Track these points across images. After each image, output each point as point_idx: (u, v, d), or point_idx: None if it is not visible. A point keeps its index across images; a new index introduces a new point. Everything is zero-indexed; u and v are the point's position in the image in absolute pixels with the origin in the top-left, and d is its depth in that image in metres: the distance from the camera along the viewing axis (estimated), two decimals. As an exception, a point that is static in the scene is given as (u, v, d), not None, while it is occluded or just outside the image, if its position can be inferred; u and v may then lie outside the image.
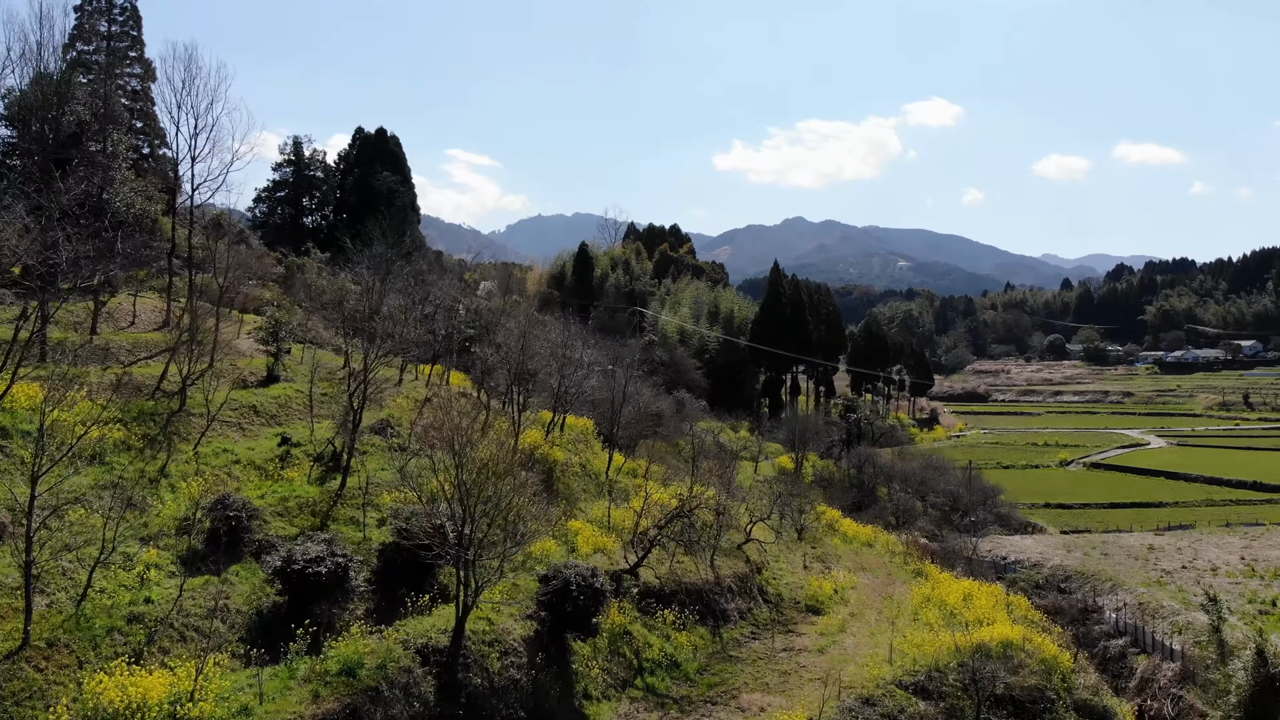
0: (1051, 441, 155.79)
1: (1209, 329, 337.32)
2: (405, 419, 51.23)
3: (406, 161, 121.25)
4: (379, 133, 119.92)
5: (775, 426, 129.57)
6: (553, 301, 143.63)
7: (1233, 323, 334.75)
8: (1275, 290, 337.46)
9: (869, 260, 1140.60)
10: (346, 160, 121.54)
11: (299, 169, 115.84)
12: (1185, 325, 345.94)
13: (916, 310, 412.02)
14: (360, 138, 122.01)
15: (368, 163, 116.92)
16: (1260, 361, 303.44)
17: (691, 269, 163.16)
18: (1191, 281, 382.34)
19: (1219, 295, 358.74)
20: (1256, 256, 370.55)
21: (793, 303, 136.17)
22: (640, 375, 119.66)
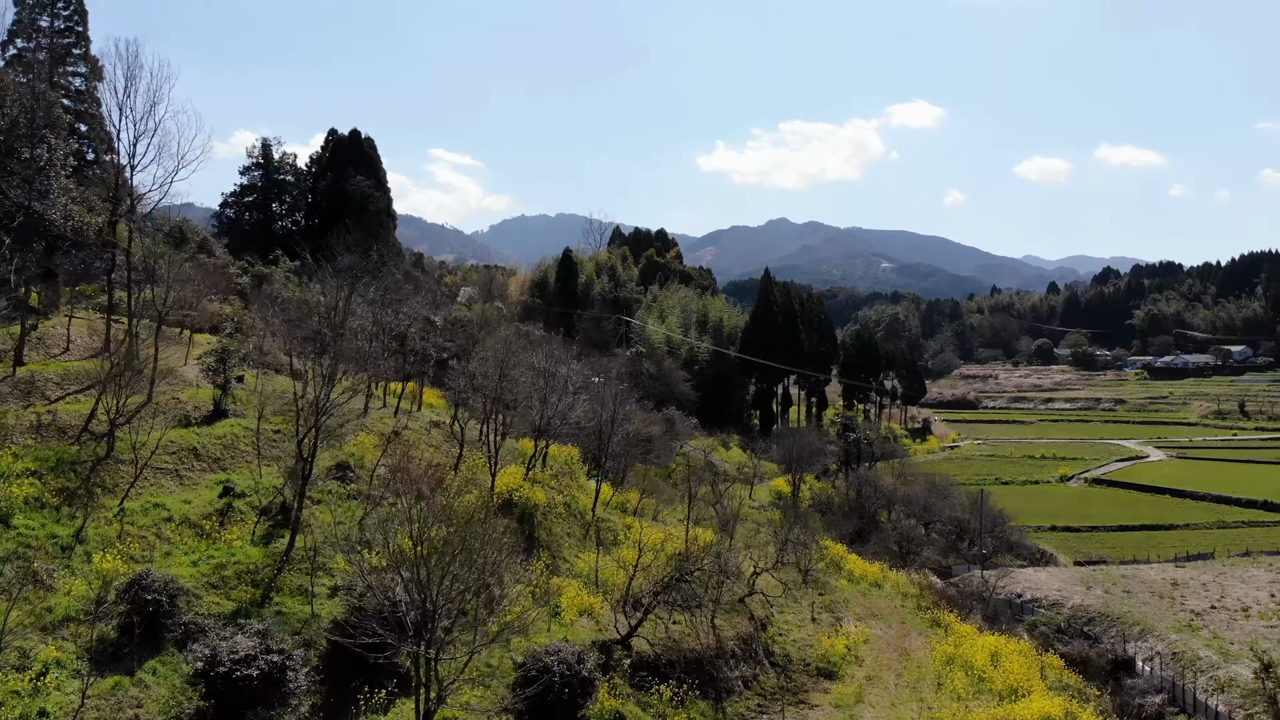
0: (1049, 454, 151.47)
1: (1198, 334, 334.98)
2: (370, 457, 45.82)
3: (382, 164, 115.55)
4: (353, 135, 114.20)
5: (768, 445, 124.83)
6: (535, 310, 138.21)
7: (1222, 327, 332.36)
8: (1265, 295, 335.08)
9: (852, 261, 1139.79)
10: (319, 163, 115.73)
11: (268, 172, 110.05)
12: (1174, 330, 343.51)
13: (902, 314, 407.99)
14: (333, 140, 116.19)
15: (341, 166, 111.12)
16: (1250, 367, 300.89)
17: (679, 275, 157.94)
18: (1180, 285, 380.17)
19: (1208, 300, 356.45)
20: (1245, 260, 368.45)
21: (784, 311, 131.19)
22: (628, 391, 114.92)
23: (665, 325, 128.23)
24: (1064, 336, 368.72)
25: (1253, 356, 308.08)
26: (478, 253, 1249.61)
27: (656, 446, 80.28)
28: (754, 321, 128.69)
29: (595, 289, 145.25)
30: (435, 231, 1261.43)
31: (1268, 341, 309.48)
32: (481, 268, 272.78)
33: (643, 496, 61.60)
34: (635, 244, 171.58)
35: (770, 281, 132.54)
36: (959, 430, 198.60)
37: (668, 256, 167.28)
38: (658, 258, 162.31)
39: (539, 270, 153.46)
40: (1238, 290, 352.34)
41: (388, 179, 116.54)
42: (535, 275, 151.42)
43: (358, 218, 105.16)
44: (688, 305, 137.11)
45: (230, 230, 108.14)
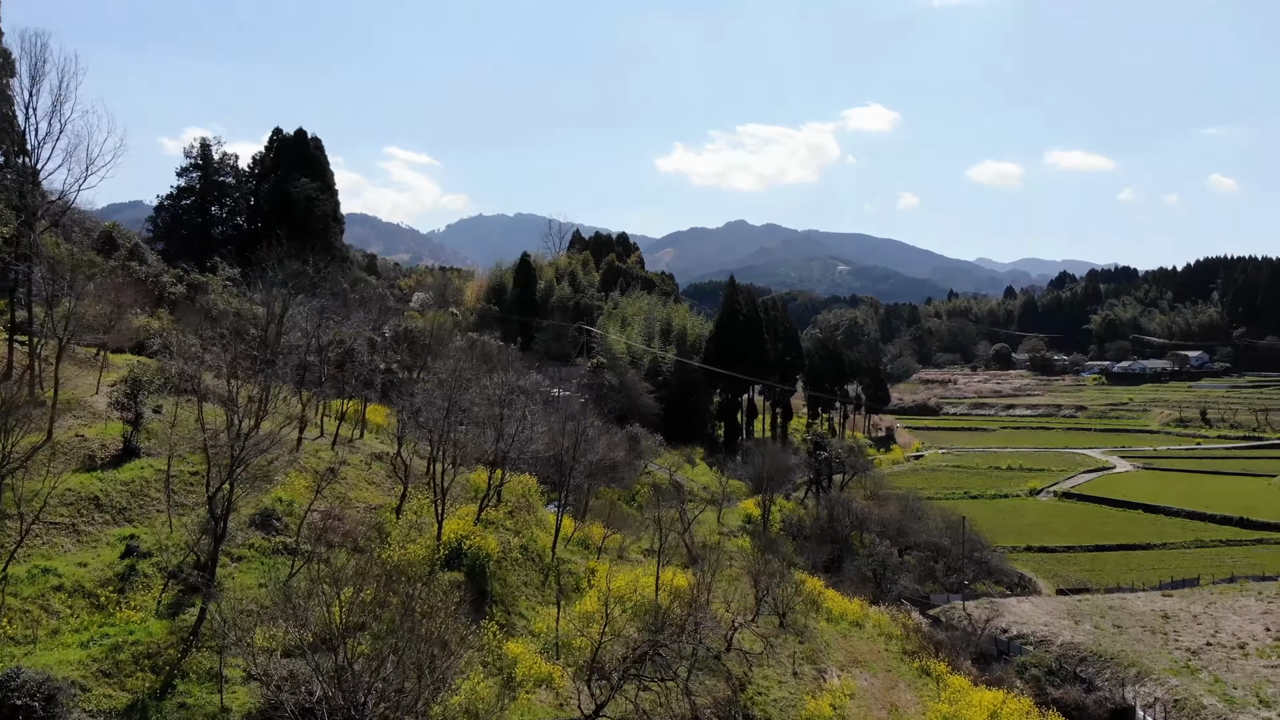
0: (1015, 465, 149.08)
1: (1155, 339, 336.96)
2: (301, 501, 40.68)
3: (329, 166, 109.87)
4: (298, 135, 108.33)
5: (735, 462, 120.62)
6: (491, 318, 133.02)
7: (1178, 333, 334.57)
8: (1220, 300, 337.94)
9: (809, 264, 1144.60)
10: (262, 164, 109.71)
11: (207, 173, 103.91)
12: (1130, 335, 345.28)
13: (861, 318, 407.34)
14: (278, 140, 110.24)
15: (285, 167, 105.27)
16: (1207, 372, 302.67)
17: (641, 281, 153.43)
18: (1136, 291, 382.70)
19: (1164, 305, 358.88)
20: (1201, 266, 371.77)
21: (749, 320, 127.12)
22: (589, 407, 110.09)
23: (628, 334, 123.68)
24: (1022, 341, 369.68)
25: (1209, 362, 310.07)
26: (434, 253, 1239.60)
27: (620, 468, 75.68)
28: (719, 330, 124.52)
29: (555, 295, 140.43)
30: (390, 231, 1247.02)
31: (1224, 347, 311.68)
32: (437, 270, 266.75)
33: (607, 531, 56.90)
34: (596, 248, 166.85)
35: (735, 289, 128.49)
36: (922, 438, 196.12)
37: (629, 261, 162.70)
38: (619, 263, 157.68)
39: (496, 275, 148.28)
40: (1194, 296, 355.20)
41: (336, 180, 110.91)
42: (492, 280, 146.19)
43: (302, 222, 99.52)
44: (651, 313, 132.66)
45: (166, 235, 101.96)
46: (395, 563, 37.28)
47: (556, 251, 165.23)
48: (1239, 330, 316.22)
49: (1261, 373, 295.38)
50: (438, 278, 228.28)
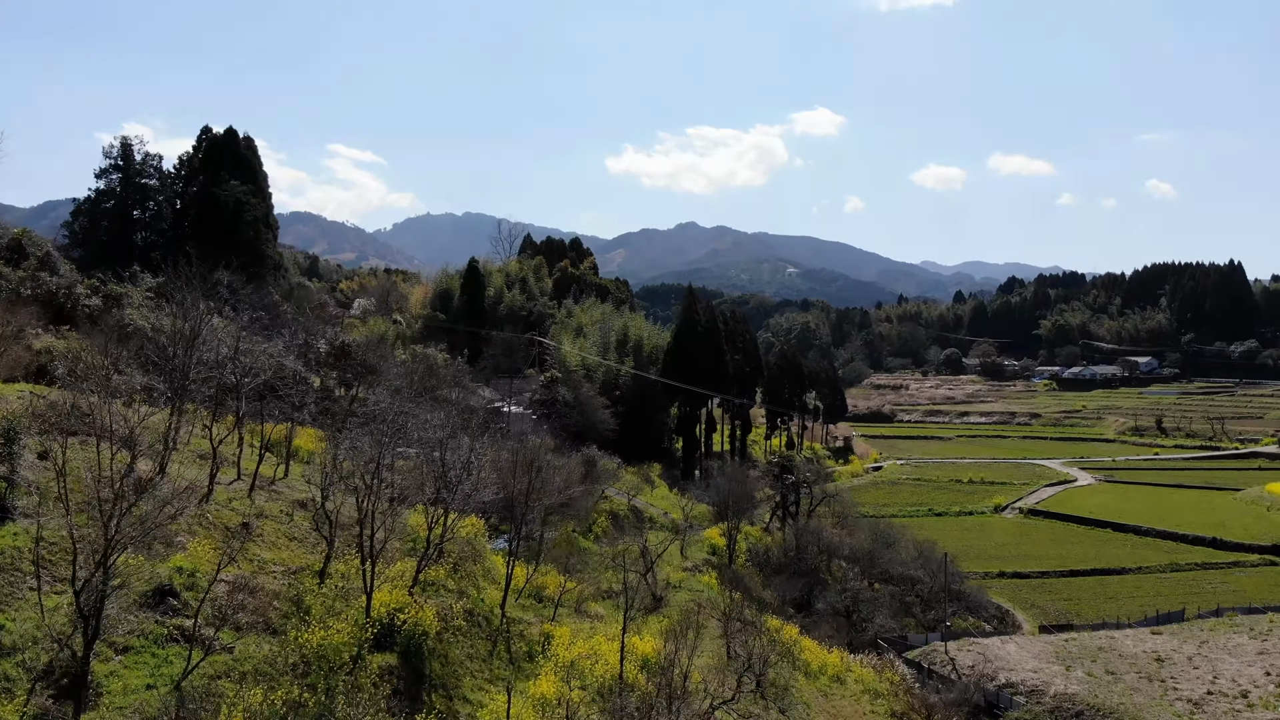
0: (977, 478, 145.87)
1: (1104, 344, 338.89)
2: (206, 568, 34.45)
3: (262, 167, 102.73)
4: (228, 134, 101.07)
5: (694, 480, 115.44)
6: (438, 326, 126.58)
7: (1127, 339, 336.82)
8: (1168, 307, 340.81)
9: (759, 266, 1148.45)
10: (189, 165, 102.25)
11: (128, 175, 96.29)
12: (1080, 341, 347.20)
13: (813, 322, 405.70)
14: (206, 139, 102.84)
15: (214, 169, 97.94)
16: (1157, 378, 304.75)
17: (595, 288, 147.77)
18: (1085, 296, 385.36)
19: (1113, 311, 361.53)
20: (1149, 272, 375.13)
21: (708, 330, 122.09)
22: (542, 422, 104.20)
23: (582, 345, 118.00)
24: (972, 346, 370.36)
25: (1158, 368, 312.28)
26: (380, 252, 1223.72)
27: (576, 499, 70.07)
28: (677, 341, 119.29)
29: (504, 303, 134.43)
30: (335, 229, 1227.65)
31: (1173, 353, 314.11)
32: (382, 272, 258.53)
33: (564, 578, 51.23)
34: (548, 253, 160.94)
35: (694, 299, 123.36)
36: (878, 447, 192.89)
37: (583, 267, 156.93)
38: (572, 269, 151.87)
39: (442, 280, 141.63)
40: (1142, 302, 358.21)
41: (270, 182, 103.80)
42: (438, 286, 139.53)
43: (230, 228, 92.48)
44: (606, 322, 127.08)
45: (84, 242, 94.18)
46: (315, 647, 31.37)
47: (506, 256, 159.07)
48: (1187, 336, 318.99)
49: (1210, 378, 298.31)
50: (382, 281, 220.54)
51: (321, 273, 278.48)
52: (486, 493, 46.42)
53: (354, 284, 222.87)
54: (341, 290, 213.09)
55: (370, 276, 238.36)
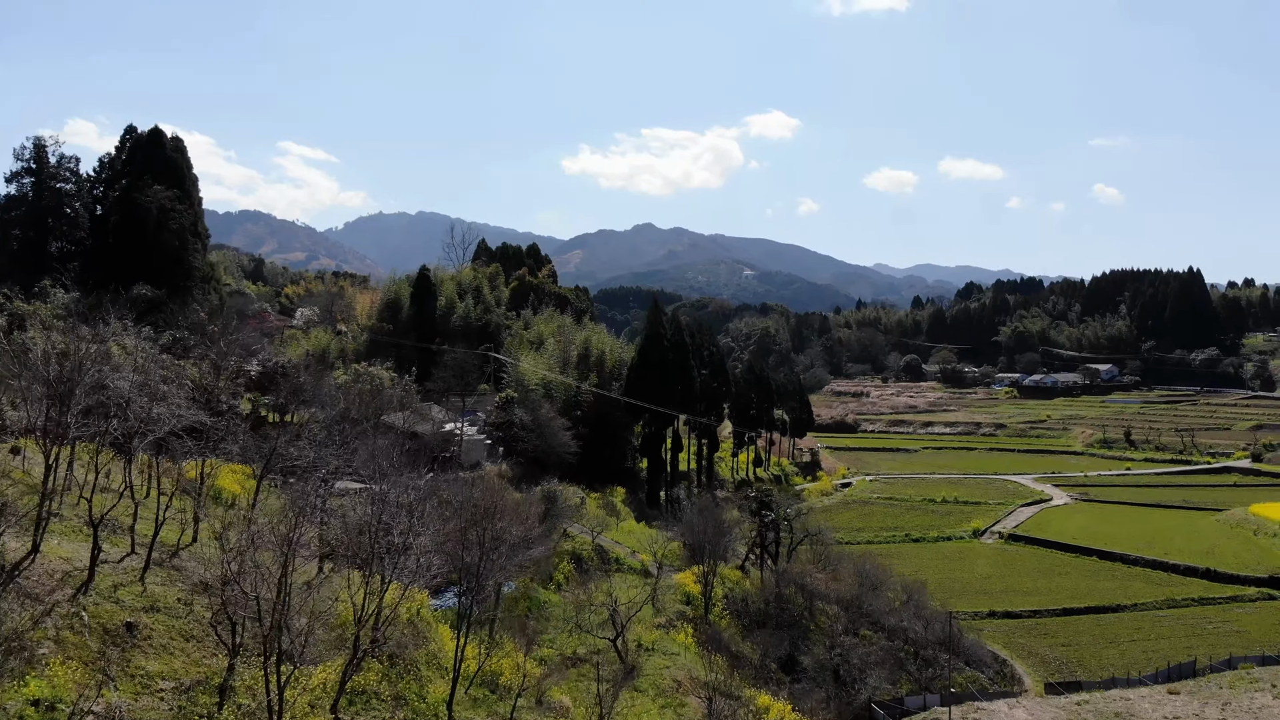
0: (950, 497, 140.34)
1: (1064, 351, 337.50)
2: (71, 694, 26.55)
3: (191, 170, 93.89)
4: (153, 134, 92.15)
5: (660, 507, 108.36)
6: (385, 339, 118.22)
7: (1088, 345, 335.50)
8: (1128, 314, 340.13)
9: (716, 268, 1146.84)
10: (111, 168, 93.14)
11: (41, 180, 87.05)
12: (1040, 347, 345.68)
13: (773, 327, 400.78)
14: (130, 139, 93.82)
15: (137, 172, 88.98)
16: (1117, 386, 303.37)
17: (555, 298, 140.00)
18: (1044, 303, 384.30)
19: (1072, 318, 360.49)
20: (1108, 279, 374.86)
21: (675, 346, 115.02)
22: (497, 446, 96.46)
23: (541, 360, 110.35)
24: (931, 352, 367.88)
25: (1119, 375, 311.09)
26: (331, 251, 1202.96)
27: (535, 543, 62.57)
28: (642, 358, 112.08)
29: (457, 314, 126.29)
30: (285, 228, 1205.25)
31: (1133, 360, 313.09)
32: (329, 276, 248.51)
33: (523, 656, 43.82)
34: (504, 259, 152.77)
35: (658, 312, 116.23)
36: (844, 460, 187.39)
37: (541, 275, 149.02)
38: (530, 277, 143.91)
39: (390, 288, 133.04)
40: (1101, 308, 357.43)
41: (199, 186, 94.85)
42: (386, 294, 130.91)
43: (153, 238, 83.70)
44: (566, 335, 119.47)
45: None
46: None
47: (460, 263, 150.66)
48: (1148, 344, 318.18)
49: (1171, 386, 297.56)
50: (329, 285, 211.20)
51: (267, 276, 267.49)
52: (433, 563, 38.98)
53: (300, 289, 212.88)
54: (287, 295, 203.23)
55: (317, 281, 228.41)
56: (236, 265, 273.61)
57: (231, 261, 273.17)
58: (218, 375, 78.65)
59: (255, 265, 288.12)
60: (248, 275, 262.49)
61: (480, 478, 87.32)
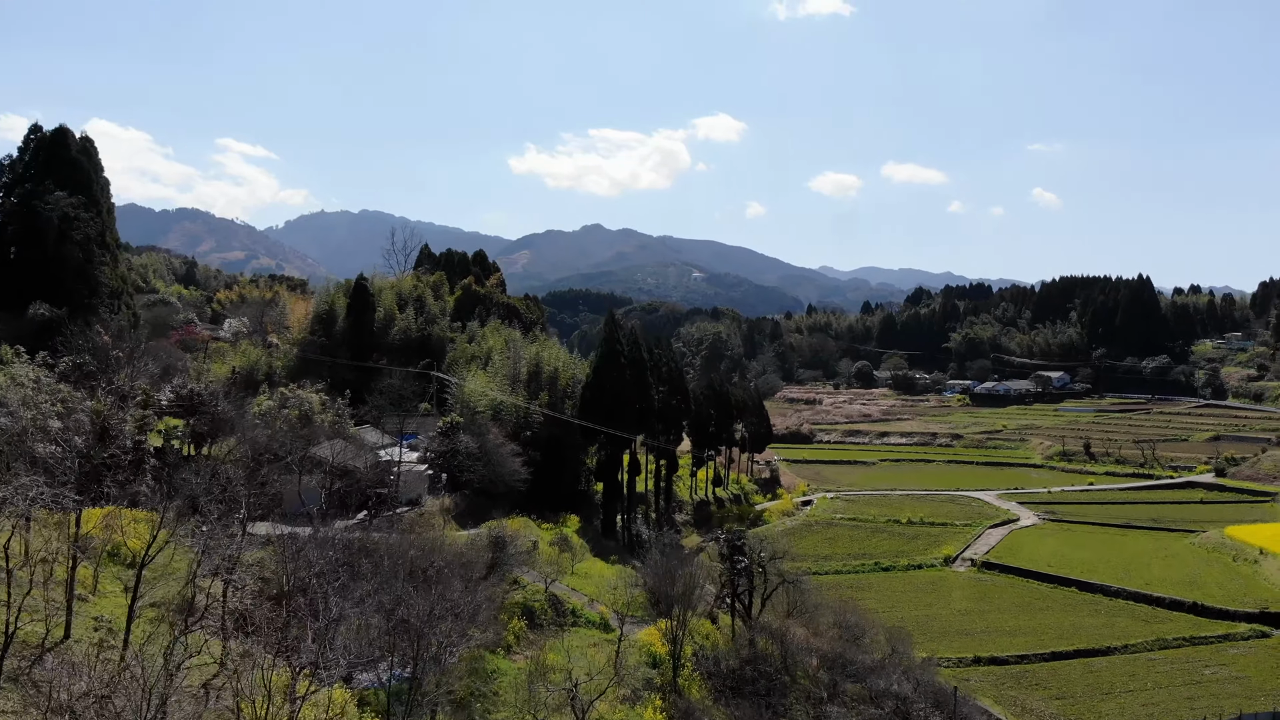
0: (916, 518, 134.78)
1: (1016, 358, 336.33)
2: None
3: (101, 173, 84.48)
4: (58, 133, 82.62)
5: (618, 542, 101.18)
6: (319, 355, 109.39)
7: (1039, 353, 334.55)
8: (1079, 321, 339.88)
9: (665, 270, 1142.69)
10: (12, 171, 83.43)
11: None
12: (991, 354, 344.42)
13: (725, 333, 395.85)
14: (35, 139, 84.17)
15: (40, 176, 79.49)
16: (1069, 394, 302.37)
17: (503, 308, 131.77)
18: (994, 309, 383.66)
19: (1023, 324, 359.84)
20: (1058, 285, 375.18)
21: (632, 362, 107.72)
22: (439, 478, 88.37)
23: (489, 379, 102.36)
24: (882, 358, 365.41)
25: (1070, 383, 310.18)
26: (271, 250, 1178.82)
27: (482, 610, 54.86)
28: (597, 376, 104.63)
29: (397, 326, 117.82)
30: (224, 227, 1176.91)
31: (1085, 368, 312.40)
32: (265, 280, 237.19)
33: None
34: (449, 267, 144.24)
35: (615, 327, 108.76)
36: (801, 473, 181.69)
37: (489, 284, 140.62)
38: (476, 286, 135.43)
39: (325, 298, 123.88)
40: (1051, 315, 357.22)
41: (110, 193, 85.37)
42: (319, 305, 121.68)
43: (55, 249, 74.42)
44: (516, 350, 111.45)
45: None
46: None
47: (401, 270, 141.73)
48: (1099, 351, 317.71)
49: (1123, 394, 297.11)
50: (263, 290, 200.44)
51: (200, 279, 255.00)
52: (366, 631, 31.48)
53: (234, 294, 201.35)
54: (219, 301, 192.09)
55: (252, 285, 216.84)
56: (167, 268, 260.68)
57: (162, 264, 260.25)
58: (123, 406, 70.08)
59: (188, 268, 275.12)
60: (179, 279, 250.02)
61: (422, 515, 79.42)
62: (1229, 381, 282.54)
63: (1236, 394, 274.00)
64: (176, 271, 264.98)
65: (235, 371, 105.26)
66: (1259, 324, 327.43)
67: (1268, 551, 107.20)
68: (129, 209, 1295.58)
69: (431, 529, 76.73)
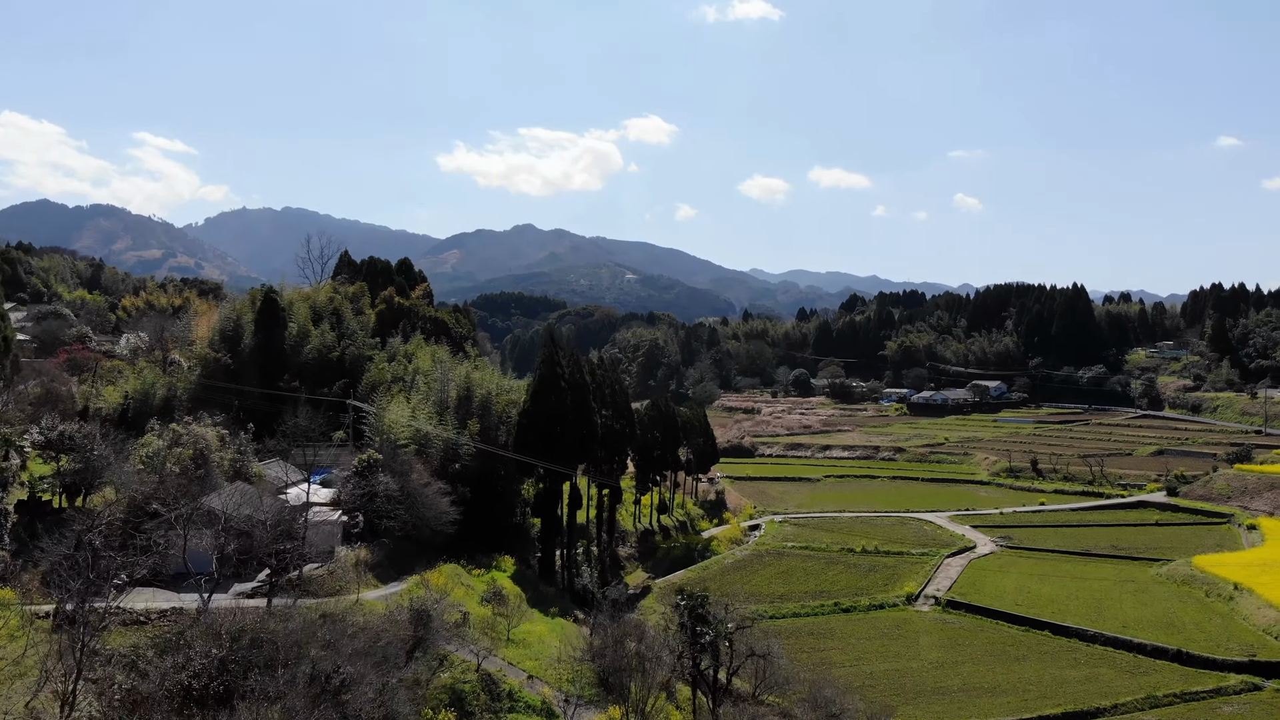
0: (870, 546, 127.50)
1: (952, 367, 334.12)
2: None
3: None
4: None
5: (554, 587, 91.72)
6: (222, 377, 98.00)
7: (975, 361, 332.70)
8: (1015, 330, 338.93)
9: (598, 271, 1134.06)
10: None
11: None
12: (927, 363, 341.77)
13: (662, 339, 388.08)
14: None
15: None
16: (1006, 403, 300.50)
17: (431, 323, 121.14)
18: (929, 317, 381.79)
19: (959, 333, 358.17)
20: (993, 294, 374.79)
21: (574, 386, 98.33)
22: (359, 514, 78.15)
23: (413, 406, 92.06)
24: (819, 365, 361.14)
25: (1007, 392, 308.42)
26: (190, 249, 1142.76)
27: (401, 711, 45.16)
28: (535, 403, 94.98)
29: (311, 344, 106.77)
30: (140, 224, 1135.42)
31: (1021, 377, 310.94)
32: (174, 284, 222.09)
33: None
34: (371, 275, 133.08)
35: (555, 348, 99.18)
36: (746, 493, 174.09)
37: (414, 296, 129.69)
38: (400, 298, 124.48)
39: (230, 312, 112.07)
40: (987, 324, 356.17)
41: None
42: (225, 319, 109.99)
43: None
44: (444, 371, 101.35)
45: None
46: None
47: (318, 278, 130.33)
48: (1035, 360, 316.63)
49: (1059, 403, 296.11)
50: (172, 296, 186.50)
51: (106, 283, 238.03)
52: None
53: (140, 300, 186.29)
54: (124, 309, 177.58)
55: (160, 291, 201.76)
56: (71, 272, 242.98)
57: (65, 268, 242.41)
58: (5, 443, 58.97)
59: (94, 271, 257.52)
60: (84, 283, 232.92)
61: (333, 572, 69.11)
62: (1165, 392, 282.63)
63: (1173, 404, 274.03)
64: (81, 275, 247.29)
65: (128, 398, 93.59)
66: (1191, 333, 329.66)
67: (1242, 587, 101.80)
68: (41, 205, 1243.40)
69: (345, 591, 66.73)
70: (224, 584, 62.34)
